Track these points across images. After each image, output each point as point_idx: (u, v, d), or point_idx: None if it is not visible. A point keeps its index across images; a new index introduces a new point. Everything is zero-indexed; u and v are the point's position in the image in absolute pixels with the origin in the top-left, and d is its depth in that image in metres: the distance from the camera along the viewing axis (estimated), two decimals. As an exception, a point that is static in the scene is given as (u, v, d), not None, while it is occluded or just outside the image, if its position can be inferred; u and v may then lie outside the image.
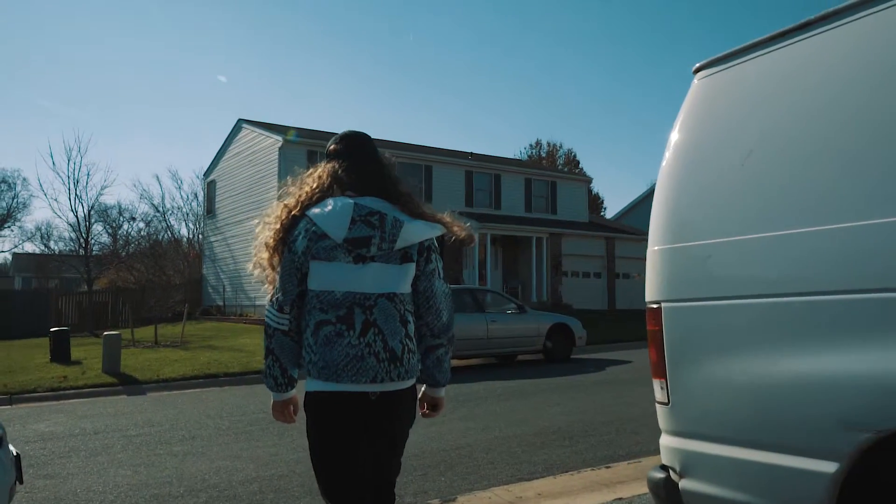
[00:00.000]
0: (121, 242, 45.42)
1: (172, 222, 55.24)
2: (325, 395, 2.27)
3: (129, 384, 11.23)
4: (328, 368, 2.25)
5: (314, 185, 2.42)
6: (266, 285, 2.50)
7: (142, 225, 45.95)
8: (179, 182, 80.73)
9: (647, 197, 40.28)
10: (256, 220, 2.55)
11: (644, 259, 2.68)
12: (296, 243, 2.32)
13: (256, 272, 2.51)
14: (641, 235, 30.74)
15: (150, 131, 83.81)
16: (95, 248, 43.20)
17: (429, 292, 2.40)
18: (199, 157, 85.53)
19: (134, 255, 40.73)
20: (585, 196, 32.25)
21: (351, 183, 2.41)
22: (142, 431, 7.32)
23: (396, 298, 2.32)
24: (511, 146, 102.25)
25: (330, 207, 2.31)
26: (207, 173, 30.13)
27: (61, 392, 10.63)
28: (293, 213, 2.38)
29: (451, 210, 2.61)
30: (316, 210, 2.33)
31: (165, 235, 45.25)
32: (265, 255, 2.45)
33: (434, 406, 2.55)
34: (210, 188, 29.60)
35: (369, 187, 2.39)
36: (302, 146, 23.28)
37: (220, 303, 26.67)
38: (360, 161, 2.44)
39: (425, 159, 25.87)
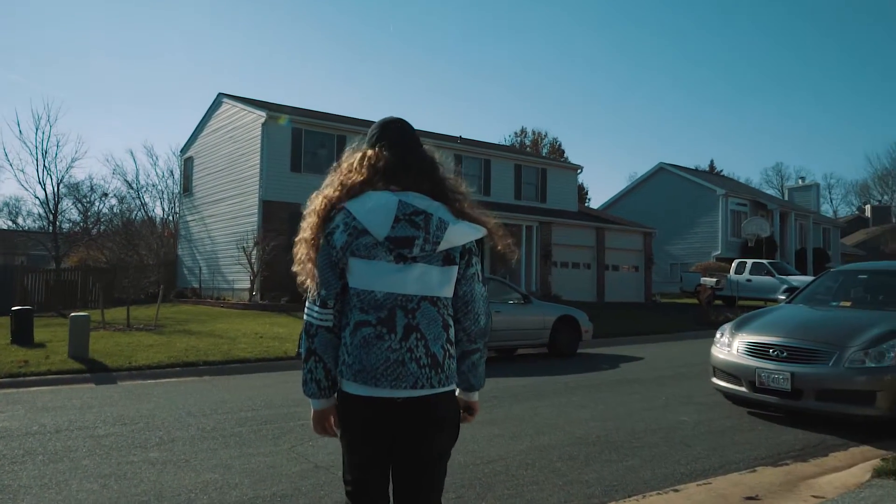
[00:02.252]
0: (92, 220, 43.78)
1: (147, 200, 53.50)
2: (357, 397, 2.17)
3: (97, 371, 10.13)
4: (365, 372, 2.14)
5: (356, 178, 2.24)
6: (308, 282, 2.26)
7: (114, 201, 44.34)
8: (155, 158, 78.58)
9: (633, 189, 39.63)
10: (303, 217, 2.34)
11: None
12: (333, 236, 2.20)
13: (299, 269, 2.29)
14: (632, 226, 30.09)
15: (125, 105, 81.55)
16: (65, 225, 41.62)
17: (468, 296, 2.29)
18: (176, 132, 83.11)
19: (106, 233, 39.20)
20: (575, 184, 31.46)
21: (394, 176, 2.24)
22: (112, 430, 6.29)
23: (439, 302, 2.22)
24: (496, 133, 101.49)
25: (372, 203, 2.18)
26: (185, 149, 28.74)
27: (21, 379, 9.50)
28: (333, 202, 2.24)
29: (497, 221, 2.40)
30: (356, 204, 2.19)
31: (139, 214, 43.70)
32: (304, 250, 2.26)
33: (469, 410, 2.42)
34: (187, 165, 28.24)
35: (413, 181, 2.25)
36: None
37: (196, 285, 25.43)
38: (404, 152, 2.29)
39: (414, 141, 24.77)
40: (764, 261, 26.14)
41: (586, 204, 48.57)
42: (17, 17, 72.06)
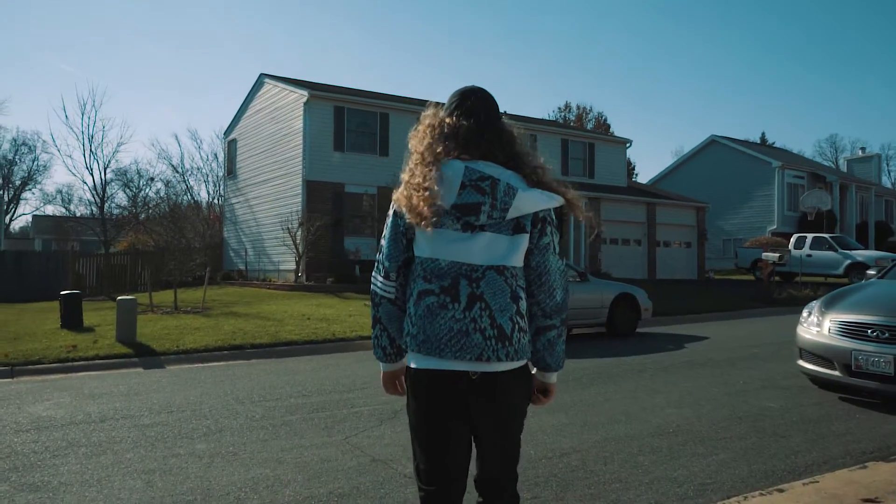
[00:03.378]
0: (140, 205, 44.41)
1: (192, 183, 54.11)
2: (423, 372, 2.14)
3: (145, 355, 9.95)
4: (429, 342, 2.10)
5: (429, 150, 2.17)
6: (411, 199, 2.15)
7: (160, 186, 44.84)
8: (199, 142, 79.39)
9: (683, 163, 38.38)
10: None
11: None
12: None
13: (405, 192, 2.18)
14: (683, 201, 29.06)
15: (169, 89, 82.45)
16: (115, 210, 42.29)
17: (542, 268, 2.18)
18: (219, 114, 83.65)
19: (153, 217, 39.66)
20: (624, 159, 30.48)
21: (468, 145, 2.17)
22: (158, 420, 5.99)
23: (507, 272, 2.13)
24: (539, 109, 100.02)
25: (441, 171, 2.14)
26: (228, 132, 28.67)
27: (69, 364, 9.36)
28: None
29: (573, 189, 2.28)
30: None
31: (185, 197, 44.13)
32: (408, 174, 2.19)
33: (545, 392, 2.32)
34: (231, 147, 28.18)
35: (488, 151, 2.18)
36: (329, 101, 21.71)
37: (243, 267, 25.42)
38: (482, 123, 2.20)
39: (459, 117, 24.19)
40: (825, 235, 24.97)
41: (634, 179, 47.31)
42: (61, 4, 73.23)
